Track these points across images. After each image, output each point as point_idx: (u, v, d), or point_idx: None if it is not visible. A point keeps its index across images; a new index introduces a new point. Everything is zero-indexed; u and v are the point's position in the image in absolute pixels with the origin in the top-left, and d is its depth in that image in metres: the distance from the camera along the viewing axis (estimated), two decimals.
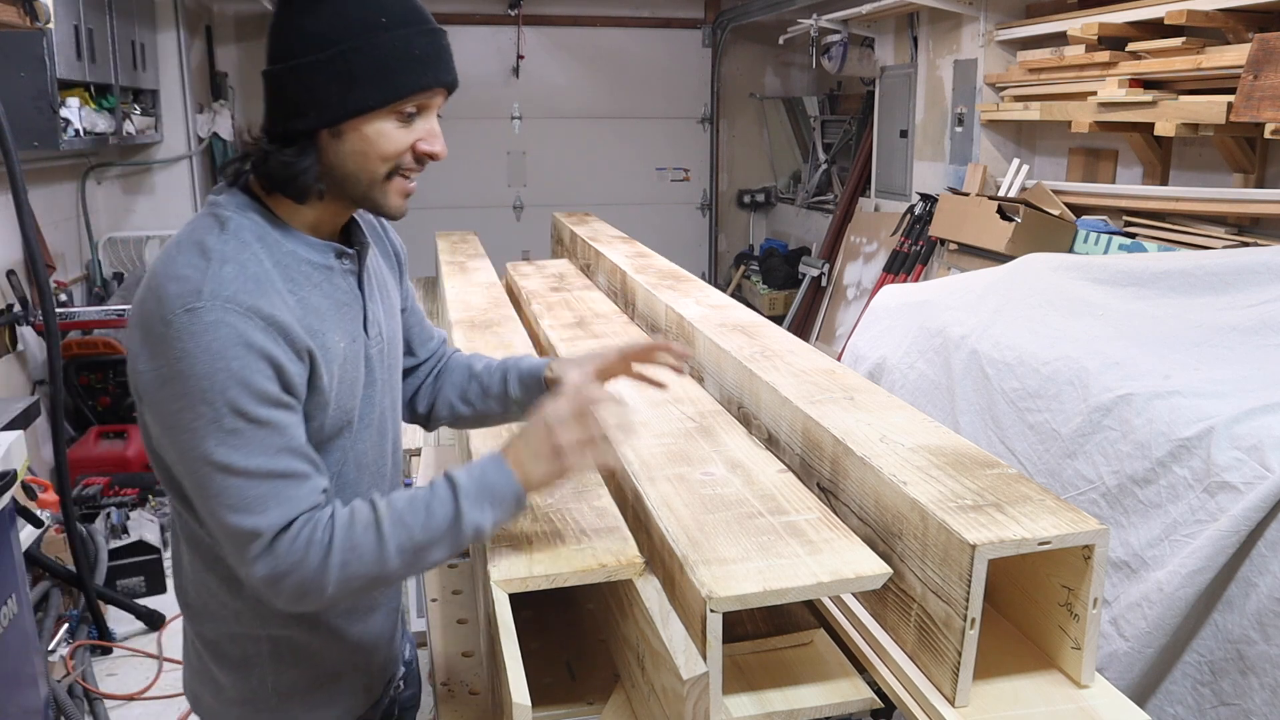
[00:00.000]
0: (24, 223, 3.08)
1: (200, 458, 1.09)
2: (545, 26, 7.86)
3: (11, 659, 2.37)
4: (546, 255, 4.45)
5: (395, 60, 1.14)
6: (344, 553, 1.12)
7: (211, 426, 1.08)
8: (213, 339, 1.07)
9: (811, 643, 1.41)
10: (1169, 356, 2.40)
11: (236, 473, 1.09)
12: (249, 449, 1.09)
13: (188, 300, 1.08)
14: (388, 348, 1.35)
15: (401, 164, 1.19)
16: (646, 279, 2.73)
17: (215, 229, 1.15)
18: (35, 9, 3.73)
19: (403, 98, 1.15)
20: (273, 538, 1.11)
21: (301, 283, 1.18)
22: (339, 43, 1.12)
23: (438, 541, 1.16)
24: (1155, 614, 1.97)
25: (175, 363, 1.07)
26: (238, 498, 1.10)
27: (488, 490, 1.18)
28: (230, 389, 1.08)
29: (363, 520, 1.15)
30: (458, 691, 1.68)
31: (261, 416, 1.10)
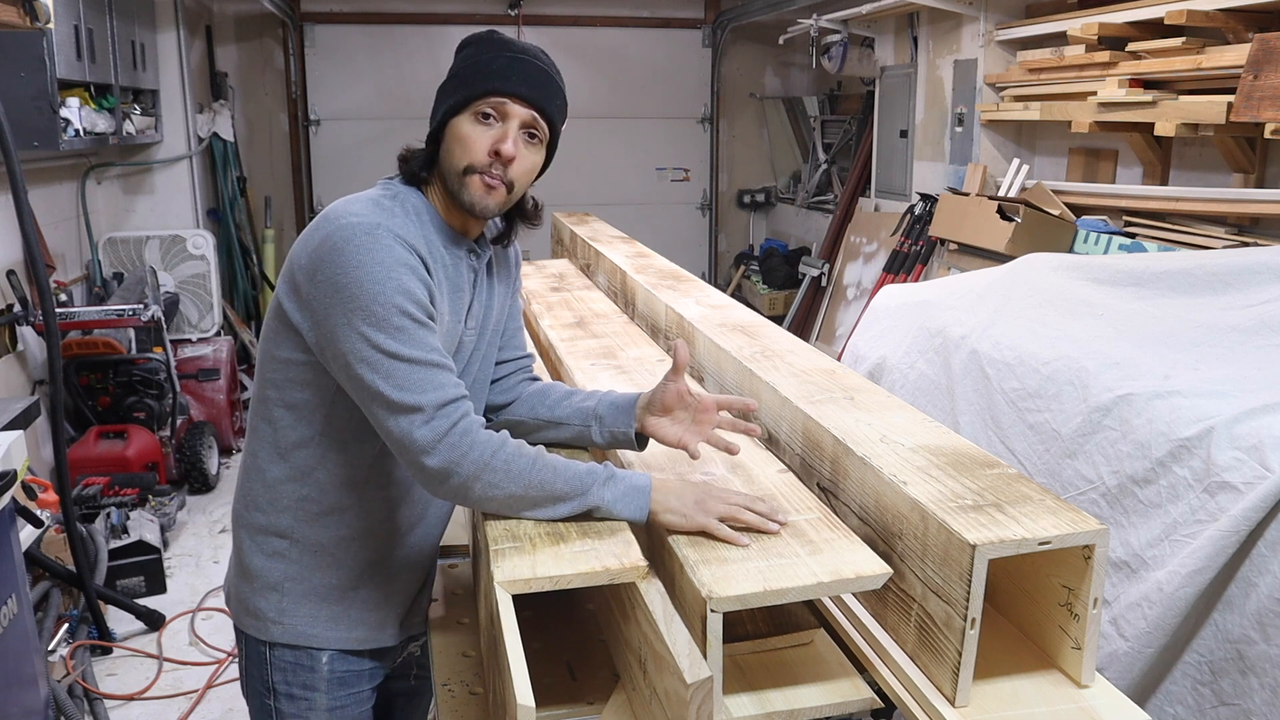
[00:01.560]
0: (24, 223, 3.09)
1: (369, 344, 1.31)
2: (545, 26, 7.86)
3: (11, 659, 2.37)
4: (546, 255, 4.44)
5: (474, 72, 1.41)
6: (490, 457, 1.32)
7: (383, 323, 1.30)
8: (386, 254, 1.31)
9: (812, 643, 1.41)
10: (1169, 356, 2.40)
11: (401, 358, 1.31)
12: (411, 342, 1.31)
13: (367, 228, 1.33)
14: (479, 341, 1.56)
15: (476, 163, 1.40)
16: (646, 279, 2.73)
17: (387, 196, 1.43)
18: (35, 9, 3.72)
19: (474, 99, 1.40)
20: (434, 412, 1.31)
21: (437, 257, 1.42)
22: (453, 69, 1.45)
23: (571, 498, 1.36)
24: (1155, 614, 1.97)
25: (354, 269, 1.30)
26: (400, 379, 1.30)
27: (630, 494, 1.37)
28: (399, 295, 1.31)
29: (527, 451, 1.37)
30: (458, 691, 1.68)
31: (420, 317, 1.33)
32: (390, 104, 7.49)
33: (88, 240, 5.24)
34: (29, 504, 2.68)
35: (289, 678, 1.51)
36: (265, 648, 1.51)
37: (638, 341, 2.43)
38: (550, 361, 2.37)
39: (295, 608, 1.49)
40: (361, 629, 1.54)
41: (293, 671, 1.51)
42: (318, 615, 1.50)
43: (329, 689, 1.52)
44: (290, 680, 1.52)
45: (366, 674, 1.57)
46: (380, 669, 1.60)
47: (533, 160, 1.45)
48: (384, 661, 1.60)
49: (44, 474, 3.91)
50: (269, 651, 1.51)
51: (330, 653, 1.52)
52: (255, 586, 1.50)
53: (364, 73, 7.45)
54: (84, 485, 4.01)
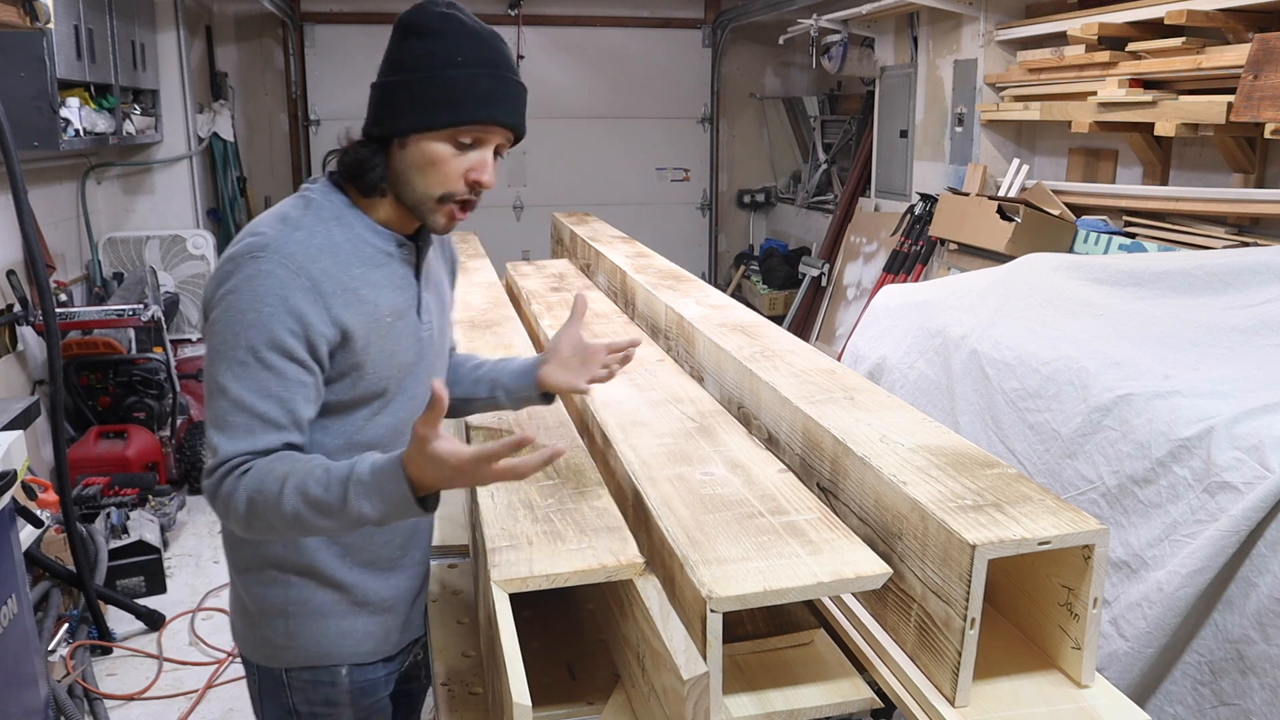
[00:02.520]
0: (24, 223, 3.08)
1: (211, 374, 1.28)
2: (545, 26, 7.86)
3: (11, 659, 2.37)
4: (546, 255, 4.44)
5: (458, 93, 1.31)
6: (251, 490, 1.25)
7: (228, 353, 1.26)
8: (259, 284, 1.26)
9: (811, 643, 1.41)
10: (1169, 356, 2.40)
11: (227, 396, 1.26)
12: (244, 380, 1.26)
13: (255, 249, 1.28)
14: (437, 335, 1.51)
15: (454, 192, 1.35)
16: (646, 279, 2.73)
17: (301, 205, 1.36)
18: (35, 9, 3.72)
19: (458, 125, 1.32)
20: (224, 459, 1.26)
21: (364, 260, 1.36)
22: (418, 71, 1.31)
23: (329, 515, 1.24)
24: (1155, 614, 1.97)
25: (226, 295, 1.27)
26: (220, 416, 1.27)
27: (379, 487, 1.23)
28: (253, 329, 1.25)
29: (278, 471, 1.26)
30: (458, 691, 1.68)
31: (267, 361, 1.26)
32: None
33: (88, 240, 5.24)
34: (29, 504, 2.68)
35: (310, 696, 1.51)
36: (281, 673, 1.50)
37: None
38: None
39: (303, 628, 1.48)
40: (370, 640, 1.53)
41: (313, 689, 1.51)
42: (326, 632, 1.49)
43: (352, 700, 1.52)
44: (312, 698, 1.51)
45: (383, 681, 1.57)
46: (393, 675, 1.60)
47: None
48: (395, 667, 1.60)
49: (44, 474, 3.91)
50: (285, 676, 1.50)
51: (348, 666, 1.51)
52: (260, 618, 1.49)
53: (364, 73, 7.40)
54: (84, 485, 4.01)
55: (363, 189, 1.38)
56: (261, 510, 1.25)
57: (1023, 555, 1.19)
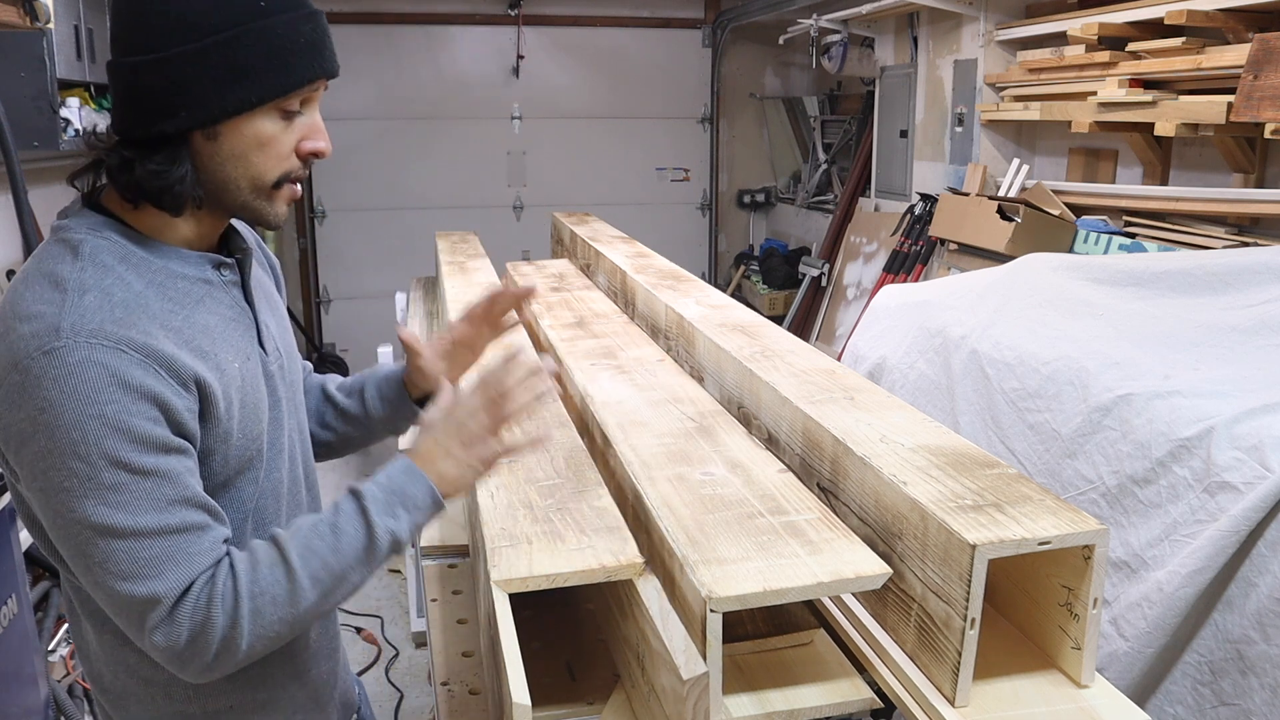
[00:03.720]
0: (24, 223, 3.09)
1: (78, 521, 0.95)
2: (545, 26, 7.86)
3: (11, 659, 2.37)
4: (546, 255, 4.44)
5: (281, 49, 1.03)
6: (253, 600, 1.00)
7: (88, 485, 0.94)
8: (79, 382, 0.93)
9: (811, 643, 1.41)
10: (1169, 356, 2.40)
11: (123, 534, 0.95)
12: (135, 505, 0.96)
13: (44, 341, 0.94)
14: (287, 362, 1.24)
15: (291, 170, 1.09)
16: (646, 279, 2.73)
17: (67, 256, 1.01)
18: (35, 9, 3.72)
19: (292, 91, 1.05)
20: (174, 604, 0.98)
21: (182, 301, 1.06)
22: (218, 30, 0.99)
23: (354, 563, 1.05)
24: (1155, 614, 1.97)
25: (38, 415, 0.93)
26: (128, 563, 0.96)
27: (398, 495, 1.07)
28: (106, 438, 0.94)
29: (266, 559, 1.02)
30: (458, 691, 1.68)
31: (146, 466, 0.96)
32: (390, 104, 7.49)
33: None
34: None
35: None
36: None
37: (638, 341, 2.43)
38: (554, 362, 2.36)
39: None
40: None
41: None
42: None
43: None
44: None
45: None
46: None
47: None
48: None
49: None
50: None
51: None
52: None
53: (364, 73, 7.44)
54: None
55: (171, 208, 1.05)
56: (273, 617, 1.01)
57: (1023, 555, 1.19)
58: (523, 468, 1.61)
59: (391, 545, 1.07)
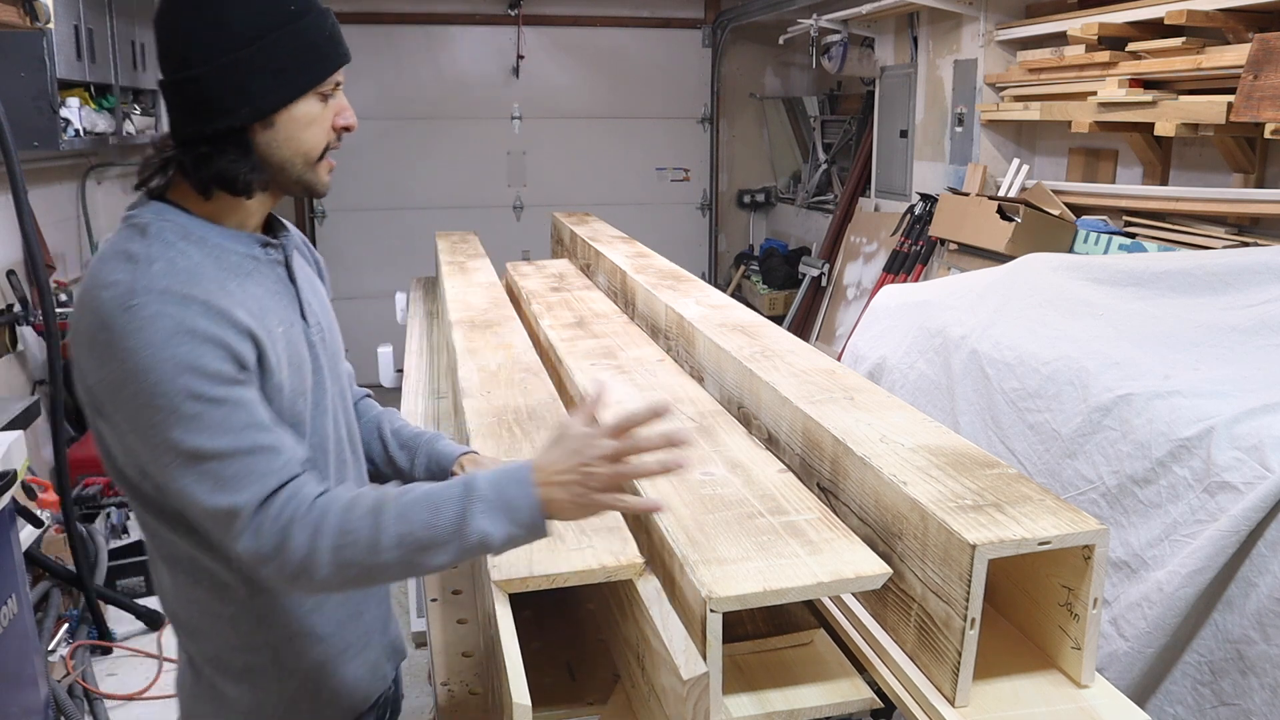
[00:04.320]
0: (24, 223, 3.08)
1: (168, 449, 1.11)
2: (545, 26, 7.85)
3: (11, 659, 2.37)
4: (546, 255, 4.44)
5: (313, 44, 1.22)
6: (337, 536, 1.11)
7: (172, 417, 1.10)
8: (155, 331, 1.10)
9: (811, 643, 1.41)
10: (1169, 356, 2.40)
11: (205, 456, 1.11)
12: (212, 431, 1.11)
13: (123, 300, 1.11)
14: (328, 335, 1.38)
15: (329, 143, 1.27)
16: (646, 279, 2.73)
17: (137, 236, 1.18)
18: (35, 9, 3.72)
19: (326, 78, 1.24)
20: (253, 513, 1.11)
21: (234, 272, 1.21)
22: (262, 36, 1.18)
23: (439, 545, 1.12)
24: (1155, 614, 1.97)
25: (124, 363, 1.10)
26: (211, 481, 1.11)
27: (505, 504, 1.13)
28: (181, 376, 1.10)
29: (364, 506, 1.13)
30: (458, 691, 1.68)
31: (219, 395, 1.11)
32: (390, 104, 7.49)
33: (88, 240, 5.23)
34: (29, 504, 2.68)
35: None
36: None
37: (638, 341, 2.43)
38: (550, 361, 2.37)
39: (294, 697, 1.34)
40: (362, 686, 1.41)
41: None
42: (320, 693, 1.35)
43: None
44: None
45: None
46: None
47: None
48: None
49: (44, 474, 3.90)
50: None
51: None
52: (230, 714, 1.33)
53: (364, 73, 7.44)
54: (84, 485, 4.00)
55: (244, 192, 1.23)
56: (352, 556, 1.11)
57: (1023, 555, 1.19)
58: None
59: (479, 546, 1.14)
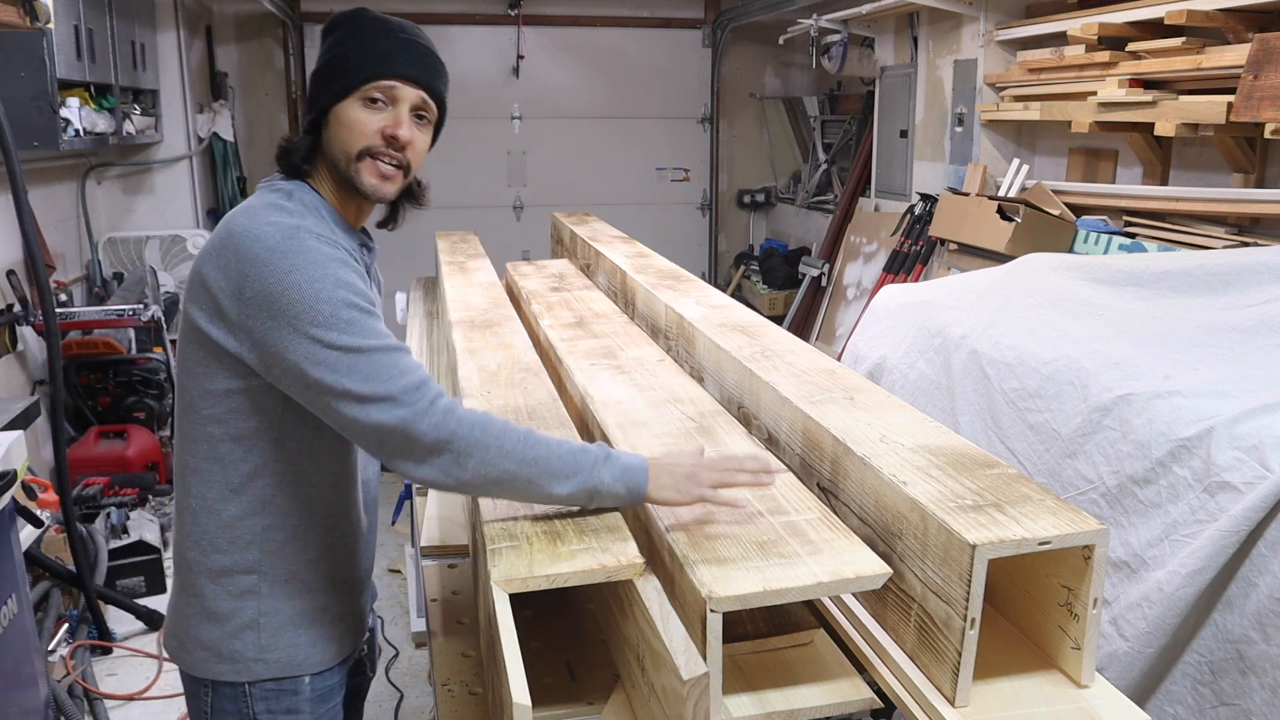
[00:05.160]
0: (24, 223, 3.08)
1: (330, 346, 1.28)
2: (545, 26, 7.86)
3: (11, 659, 2.37)
4: (546, 255, 4.45)
5: (360, 57, 1.40)
6: (485, 434, 1.30)
7: (332, 320, 1.28)
8: (316, 254, 1.31)
9: (811, 643, 1.41)
10: (1169, 356, 2.40)
11: (363, 351, 1.29)
12: (365, 331, 1.30)
13: (289, 232, 1.31)
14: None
15: (370, 145, 1.41)
16: (646, 279, 2.73)
17: (282, 200, 1.40)
18: (35, 9, 3.73)
19: (362, 84, 1.39)
20: (412, 395, 1.29)
21: (342, 248, 1.39)
22: (334, 48, 1.44)
23: (572, 475, 1.33)
24: (1155, 614, 1.97)
25: (286, 275, 1.28)
26: (368, 370, 1.29)
27: (625, 469, 1.36)
28: (340, 288, 1.30)
29: (504, 425, 1.34)
30: (458, 691, 1.69)
31: (366, 306, 1.32)
32: None
33: (88, 240, 5.24)
34: (29, 504, 2.68)
35: (272, 705, 1.48)
36: (244, 686, 1.47)
37: (638, 341, 2.43)
38: (550, 361, 2.37)
39: (275, 640, 1.46)
40: (335, 645, 1.52)
41: (276, 699, 1.48)
42: (298, 642, 1.47)
43: (312, 708, 1.51)
44: (274, 708, 1.48)
45: (339, 684, 1.56)
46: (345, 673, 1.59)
47: (424, 141, 1.48)
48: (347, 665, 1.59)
49: (44, 474, 3.90)
50: (249, 688, 1.47)
51: (310, 675, 1.49)
52: (228, 630, 1.45)
53: None
54: (84, 485, 4.01)
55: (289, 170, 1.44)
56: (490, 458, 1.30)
57: (1023, 555, 1.19)
58: None
59: (594, 490, 1.35)
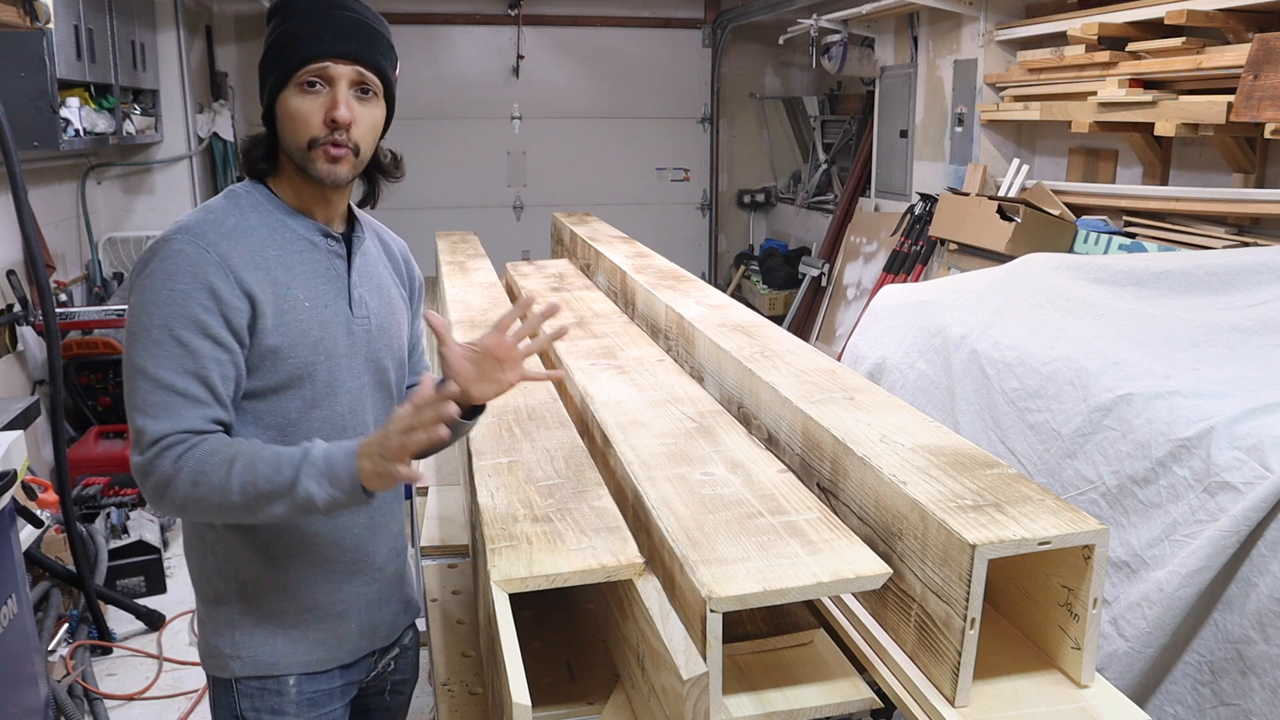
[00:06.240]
0: (24, 223, 3.08)
1: (128, 357, 1.30)
2: (545, 26, 7.86)
3: (11, 659, 2.37)
4: (546, 255, 4.45)
5: (290, 42, 1.35)
6: (194, 473, 1.27)
7: (141, 334, 1.28)
8: (170, 264, 1.29)
9: (811, 643, 1.41)
10: (1169, 356, 2.40)
11: (146, 377, 1.28)
12: (160, 360, 1.28)
13: (169, 235, 1.32)
14: (376, 333, 1.47)
15: (316, 135, 1.35)
16: (646, 279, 2.73)
17: (224, 197, 1.41)
18: (35, 9, 3.72)
19: (296, 70, 1.34)
20: (153, 441, 1.27)
21: (283, 245, 1.38)
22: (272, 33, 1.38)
23: (278, 497, 1.27)
24: (1155, 614, 1.97)
25: (141, 280, 1.30)
26: (140, 398, 1.28)
27: (330, 470, 1.28)
28: (167, 307, 1.28)
29: (224, 453, 1.28)
30: (458, 691, 1.68)
31: (183, 338, 1.28)
32: None
33: (88, 240, 5.24)
34: (29, 504, 2.68)
35: (257, 704, 1.48)
36: (231, 683, 1.48)
37: (638, 341, 2.43)
38: (550, 361, 2.37)
39: (249, 639, 1.46)
40: (321, 649, 1.49)
41: (260, 698, 1.47)
42: (274, 642, 1.46)
43: (299, 712, 1.48)
44: (259, 706, 1.47)
45: (338, 691, 1.52)
46: (352, 685, 1.55)
47: (373, 116, 1.40)
48: (355, 678, 1.55)
49: (44, 474, 3.90)
50: (235, 685, 1.47)
51: (296, 676, 1.47)
52: (210, 628, 1.48)
53: None
54: (84, 485, 4.00)
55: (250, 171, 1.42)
56: (205, 493, 1.27)
57: (1023, 555, 1.19)
58: (522, 467, 1.61)
59: (305, 505, 1.28)
